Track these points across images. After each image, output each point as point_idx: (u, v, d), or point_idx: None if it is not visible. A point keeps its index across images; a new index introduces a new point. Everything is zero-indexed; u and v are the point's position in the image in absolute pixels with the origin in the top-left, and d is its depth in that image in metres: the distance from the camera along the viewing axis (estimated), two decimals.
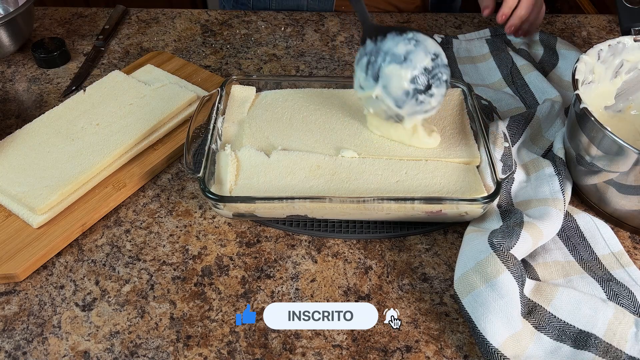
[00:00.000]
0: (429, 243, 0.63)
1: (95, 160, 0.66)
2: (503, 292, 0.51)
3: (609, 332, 0.51)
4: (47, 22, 0.96)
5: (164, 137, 0.72)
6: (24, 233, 0.61)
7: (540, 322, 0.53)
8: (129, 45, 0.92)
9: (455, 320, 0.56)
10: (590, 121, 0.59)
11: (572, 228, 0.62)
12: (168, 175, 0.70)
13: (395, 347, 0.54)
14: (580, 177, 0.65)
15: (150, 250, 0.62)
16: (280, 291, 0.58)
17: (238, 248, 0.62)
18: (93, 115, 0.72)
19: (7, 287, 0.58)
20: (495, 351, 0.50)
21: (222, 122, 0.69)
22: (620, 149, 0.56)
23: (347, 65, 0.88)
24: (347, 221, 0.64)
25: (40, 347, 0.54)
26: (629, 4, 0.68)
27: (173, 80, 0.79)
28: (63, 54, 0.86)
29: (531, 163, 0.67)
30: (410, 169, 0.64)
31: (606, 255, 0.60)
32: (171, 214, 0.65)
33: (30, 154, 0.67)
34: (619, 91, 0.71)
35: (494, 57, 0.85)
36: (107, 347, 0.54)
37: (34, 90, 0.82)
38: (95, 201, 0.64)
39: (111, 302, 0.57)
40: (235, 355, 0.53)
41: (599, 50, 0.67)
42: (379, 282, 0.59)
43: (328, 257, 0.61)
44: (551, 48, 0.85)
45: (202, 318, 0.56)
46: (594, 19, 1.00)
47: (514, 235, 0.54)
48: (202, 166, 0.60)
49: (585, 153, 0.62)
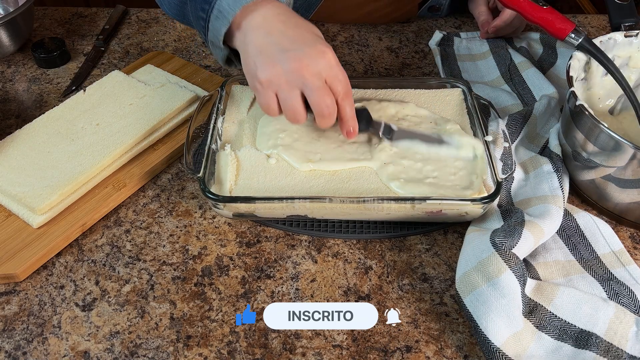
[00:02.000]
0: (429, 243, 0.63)
1: (95, 160, 0.66)
2: (505, 291, 0.51)
3: (610, 332, 0.51)
4: (47, 22, 0.96)
5: (164, 137, 0.72)
6: (24, 233, 0.61)
7: (541, 322, 0.53)
8: (129, 45, 0.92)
9: (456, 320, 0.56)
10: (586, 118, 0.59)
11: (572, 227, 0.62)
12: (168, 175, 0.70)
13: (395, 347, 0.54)
14: (577, 173, 0.65)
15: (150, 251, 0.62)
16: (280, 291, 0.58)
17: (238, 248, 0.62)
18: (93, 115, 0.72)
19: (7, 287, 0.58)
20: (497, 350, 0.50)
21: (222, 122, 0.69)
22: (617, 144, 0.57)
23: (347, 65, 0.88)
24: (347, 221, 0.64)
25: (40, 347, 0.54)
26: (618, 1, 0.68)
27: (173, 80, 0.79)
28: (63, 54, 0.86)
29: (529, 161, 0.67)
30: None
31: (607, 254, 0.60)
32: (171, 214, 0.65)
33: (30, 154, 0.67)
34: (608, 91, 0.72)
35: (494, 55, 0.85)
36: (107, 347, 0.53)
37: (34, 90, 0.82)
38: (95, 201, 0.64)
39: (111, 302, 0.57)
40: (235, 355, 0.53)
41: None
42: (379, 282, 0.59)
43: (328, 257, 0.61)
44: (551, 46, 0.85)
45: (202, 318, 0.56)
46: (594, 19, 1.00)
47: (515, 234, 0.54)
48: (202, 166, 0.60)
49: (581, 149, 0.62)
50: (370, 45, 0.92)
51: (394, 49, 0.91)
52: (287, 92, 0.57)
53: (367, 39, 0.93)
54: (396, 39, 0.93)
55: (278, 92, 0.57)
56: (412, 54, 0.90)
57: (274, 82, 0.57)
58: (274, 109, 0.59)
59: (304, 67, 0.55)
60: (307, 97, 0.57)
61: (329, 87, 0.57)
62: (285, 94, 0.57)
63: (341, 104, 0.59)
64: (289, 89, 0.57)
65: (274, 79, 0.56)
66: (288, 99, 0.57)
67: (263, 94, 0.58)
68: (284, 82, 0.56)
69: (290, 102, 0.57)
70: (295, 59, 0.55)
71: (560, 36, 0.65)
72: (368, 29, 0.96)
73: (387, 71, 0.87)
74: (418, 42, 0.93)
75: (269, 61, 0.56)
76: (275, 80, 0.57)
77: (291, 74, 0.56)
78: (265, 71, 0.56)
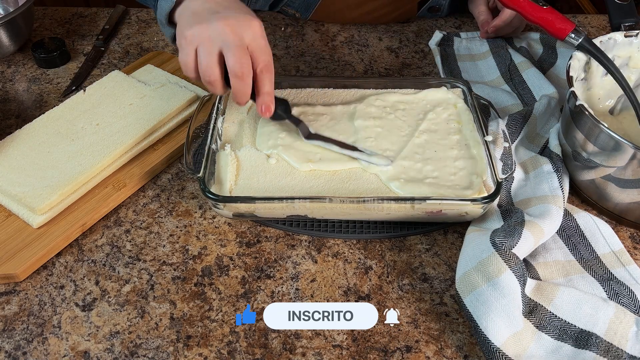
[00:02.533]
0: (429, 243, 0.63)
1: (95, 160, 0.66)
2: (505, 291, 0.51)
3: (610, 332, 0.51)
4: (47, 22, 0.96)
5: (164, 137, 0.72)
6: (24, 233, 0.61)
7: (541, 322, 0.53)
8: (129, 45, 0.92)
9: (456, 320, 0.56)
10: (586, 118, 0.59)
11: (572, 227, 0.62)
12: (168, 175, 0.70)
13: (395, 347, 0.54)
14: (577, 173, 0.65)
15: (150, 251, 0.62)
16: (280, 291, 0.58)
17: (238, 248, 0.62)
18: (93, 115, 0.72)
19: (7, 287, 0.58)
20: (497, 350, 0.50)
21: (222, 122, 0.69)
22: (617, 144, 0.57)
23: (347, 65, 0.88)
24: (347, 221, 0.64)
25: (40, 347, 0.54)
26: (618, 1, 0.69)
27: (173, 80, 0.79)
28: (63, 54, 0.86)
29: (529, 161, 0.67)
30: None
31: (607, 254, 0.60)
32: (171, 214, 0.65)
33: (30, 154, 0.67)
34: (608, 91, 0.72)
35: (494, 55, 0.86)
36: (107, 347, 0.53)
37: (34, 90, 0.82)
38: (95, 201, 0.64)
39: (111, 302, 0.57)
40: (235, 355, 0.53)
41: None
42: (379, 282, 0.59)
43: (328, 257, 0.61)
44: (551, 46, 0.86)
45: (202, 318, 0.56)
46: (594, 19, 1.00)
47: (515, 234, 0.54)
48: (202, 166, 0.60)
49: (581, 149, 0.62)
50: (370, 45, 0.92)
51: (394, 49, 0.91)
52: (206, 48, 0.57)
53: (367, 39, 0.93)
54: (396, 39, 0.93)
55: (198, 48, 0.57)
56: (412, 54, 0.91)
57: (197, 37, 0.57)
58: (191, 67, 0.59)
59: (229, 26, 0.56)
60: (225, 56, 0.57)
61: (250, 54, 0.57)
62: (204, 49, 0.57)
63: (259, 76, 0.59)
64: (209, 44, 0.57)
65: (198, 33, 0.57)
66: (205, 54, 0.57)
67: (184, 50, 0.58)
68: (206, 37, 0.57)
69: (206, 59, 0.57)
70: (222, 19, 0.57)
71: (560, 36, 0.65)
72: (368, 29, 0.96)
73: (387, 71, 0.87)
74: (418, 42, 0.93)
75: (198, 20, 0.57)
76: (198, 35, 0.57)
77: (214, 31, 0.56)
78: (192, 28, 0.57)
